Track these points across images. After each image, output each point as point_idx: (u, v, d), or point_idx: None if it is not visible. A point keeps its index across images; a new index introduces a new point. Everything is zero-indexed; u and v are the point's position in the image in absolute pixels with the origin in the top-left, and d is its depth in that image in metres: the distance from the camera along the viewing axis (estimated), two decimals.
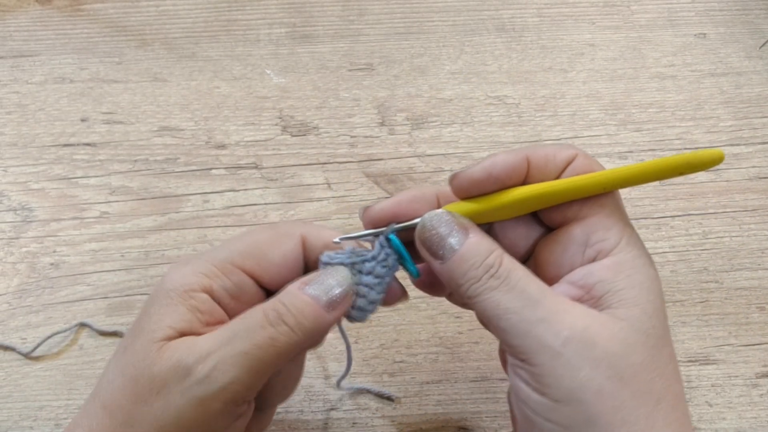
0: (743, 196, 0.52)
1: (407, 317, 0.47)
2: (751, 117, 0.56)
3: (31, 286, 0.48)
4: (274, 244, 0.32)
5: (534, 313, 0.27)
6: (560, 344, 0.27)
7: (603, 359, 0.27)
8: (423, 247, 0.31)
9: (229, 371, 0.28)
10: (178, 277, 0.30)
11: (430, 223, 0.30)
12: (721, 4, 0.63)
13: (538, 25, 0.62)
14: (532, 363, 0.27)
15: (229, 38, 0.61)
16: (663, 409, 0.27)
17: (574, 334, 0.27)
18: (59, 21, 0.62)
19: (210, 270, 0.30)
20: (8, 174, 0.53)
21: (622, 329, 0.27)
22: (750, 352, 0.45)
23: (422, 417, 0.43)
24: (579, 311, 0.28)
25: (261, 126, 0.55)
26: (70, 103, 0.57)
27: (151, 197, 0.52)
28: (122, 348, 0.30)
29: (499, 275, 0.29)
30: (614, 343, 0.27)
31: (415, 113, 0.56)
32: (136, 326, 0.30)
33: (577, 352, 0.27)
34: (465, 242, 0.29)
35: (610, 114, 0.56)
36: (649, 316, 0.28)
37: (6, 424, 0.43)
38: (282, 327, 0.29)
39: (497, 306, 0.28)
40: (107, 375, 0.30)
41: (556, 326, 0.27)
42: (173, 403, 0.28)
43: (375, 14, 0.62)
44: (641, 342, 0.27)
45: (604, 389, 0.26)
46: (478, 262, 0.29)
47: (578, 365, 0.26)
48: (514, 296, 0.28)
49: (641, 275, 0.29)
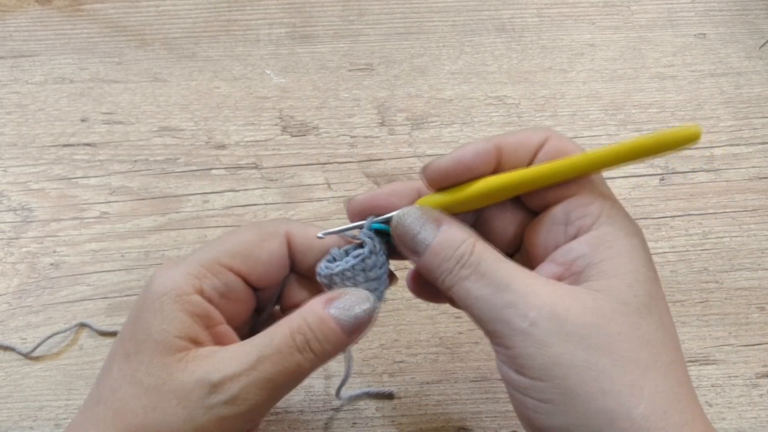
0: (743, 196, 0.52)
1: (407, 317, 0.47)
2: (751, 117, 0.56)
3: (31, 286, 0.48)
4: (260, 243, 0.32)
5: (502, 298, 0.28)
6: (528, 325, 0.27)
7: (574, 333, 0.27)
8: (399, 244, 0.31)
9: (255, 395, 0.29)
10: (168, 280, 0.30)
11: (402, 220, 0.30)
12: (721, 4, 0.63)
13: (538, 25, 0.62)
14: (506, 346, 0.28)
15: (229, 38, 0.61)
16: (652, 377, 0.27)
17: (542, 314, 0.27)
18: (59, 21, 0.62)
19: (198, 271, 0.31)
20: (8, 174, 0.53)
21: (596, 300, 0.28)
22: (750, 352, 0.45)
23: (422, 417, 0.43)
24: (549, 290, 0.28)
25: (261, 126, 0.55)
26: (70, 103, 0.57)
27: (151, 197, 0.52)
28: (123, 355, 0.30)
29: (469, 264, 0.29)
30: (587, 315, 0.27)
31: (415, 113, 0.56)
32: (136, 334, 0.30)
33: (546, 331, 0.27)
34: (437, 236, 0.30)
35: (610, 114, 0.56)
36: (629, 285, 0.28)
37: (6, 424, 0.43)
38: (308, 354, 0.30)
39: (468, 295, 0.29)
40: (112, 382, 0.30)
41: (524, 308, 0.27)
42: (195, 418, 0.28)
43: (375, 14, 0.62)
44: (619, 311, 0.27)
45: (578, 361, 0.26)
46: (450, 254, 0.29)
47: (548, 342, 0.27)
48: (484, 284, 0.28)
49: (621, 245, 0.29)
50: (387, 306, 0.47)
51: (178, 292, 0.30)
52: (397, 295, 0.47)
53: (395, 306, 0.47)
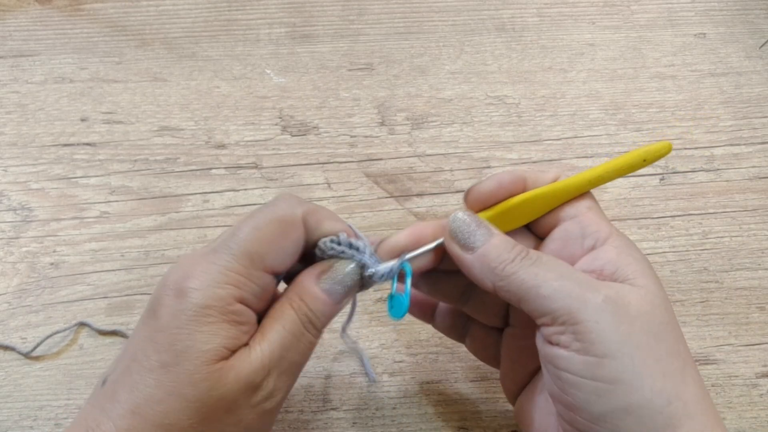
0: (743, 196, 0.52)
1: (407, 317, 0.47)
2: (751, 117, 0.56)
3: (31, 286, 0.48)
4: (286, 236, 0.32)
5: (572, 279, 0.30)
6: (602, 300, 0.29)
7: (638, 317, 0.29)
8: (453, 241, 0.33)
9: (286, 382, 0.31)
10: (209, 292, 0.29)
11: (461, 217, 0.33)
12: (721, 4, 0.63)
13: (538, 25, 0.62)
14: (576, 321, 0.29)
15: (229, 38, 0.61)
16: (690, 369, 0.30)
17: (611, 294, 0.29)
18: (59, 21, 0.62)
19: (236, 280, 0.30)
20: (8, 174, 0.53)
21: (645, 294, 0.30)
22: (750, 352, 0.45)
23: (422, 417, 0.43)
24: (604, 282, 0.31)
25: (261, 126, 0.55)
26: (70, 103, 0.57)
27: (151, 197, 0.52)
28: (160, 365, 0.29)
29: (530, 257, 0.31)
30: (644, 304, 0.30)
31: (415, 113, 0.56)
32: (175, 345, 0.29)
33: (616, 310, 0.29)
34: (493, 235, 0.32)
35: (610, 114, 0.56)
36: (658, 287, 0.31)
37: (6, 423, 0.43)
38: (314, 330, 0.32)
39: (536, 276, 0.30)
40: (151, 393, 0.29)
41: (595, 287, 0.30)
42: (244, 418, 0.30)
43: (375, 14, 0.62)
44: (663, 305, 0.31)
45: (643, 343, 0.29)
46: (510, 248, 0.32)
47: (619, 320, 0.29)
48: (549, 268, 0.31)
49: (636, 254, 0.32)
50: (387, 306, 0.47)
51: (222, 304, 0.29)
52: None
53: None
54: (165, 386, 0.28)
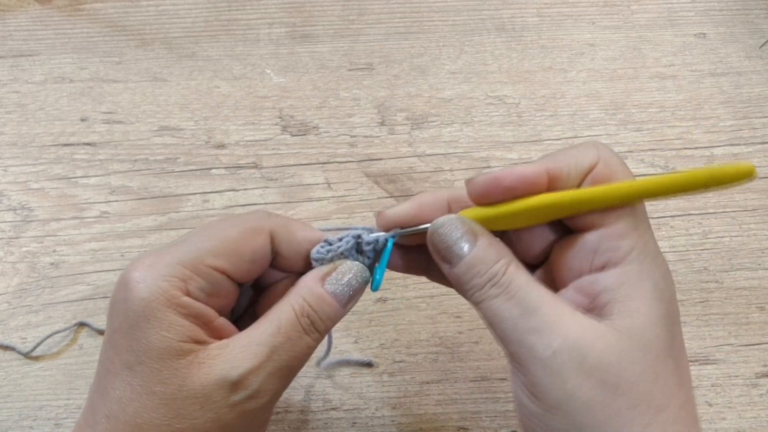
0: (743, 196, 0.52)
1: (407, 317, 0.47)
2: (751, 117, 0.56)
3: (31, 286, 0.48)
4: (245, 241, 0.31)
5: (528, 323, 0.28)
6: (549, 355, 0.27)
7: (594, 370, 0.27)
8: (433, 251, 0.31)
9: (274, 384, 0.30)
10: (152, 286, 0.29)
11: (440, 228, 0.30)
12: (721, 4, 0.63)
13: (538, 24, 0.62)
14: (525, 371, 0.28)
15: (229, 38, 0.61)
16: (663, 420, 0.27)
17: (565, 345, 0.27)
18: (59, 21, 0.62)
19: (182, 273, 0.29)
20: (8, 174, 0.53)
21: (619, 340, 0.27)
22: (750, 351, 0.45)
23: (422, 417, 0.43)
24: (575, 321, 0.28)
25: (261, 126, 0.55)
26: (70, 103, 0.57)
27: (151, 197, 0.52)
28: (124, 367, 0.29)
29: (501, 283, 0.29)
30: (609, 353, 0.27)
31: (415, 113, 0.56)
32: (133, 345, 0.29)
33: (566, 363, 0.27)
34: (473, 249, 0.30)
35: (610, 114, 0.56)
36: (651, 326, 0.28)
37: (6, 423, 0.43)
38: (315, 334, 0.31)
39: (495, 314, 0.29)
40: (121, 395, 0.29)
41: (548, 337, 0.27)
42: (221, 417, 0.29)
43: (375, 14, 0.62)
44: (640, 353, 0.27)
45: (595, 400, 0.27)
46: (483, 270, 0.29)
47: (567, 376, 0.27)
48: (512, 305, 0.28)
49: (648, 285, 0.29)
50: (387, 306, 0.47)
51: (166, 296, 0.29)
52: (397, 295, 0.47)
53: (395, 306, 0.47)
54: (133, 387, 0.29)
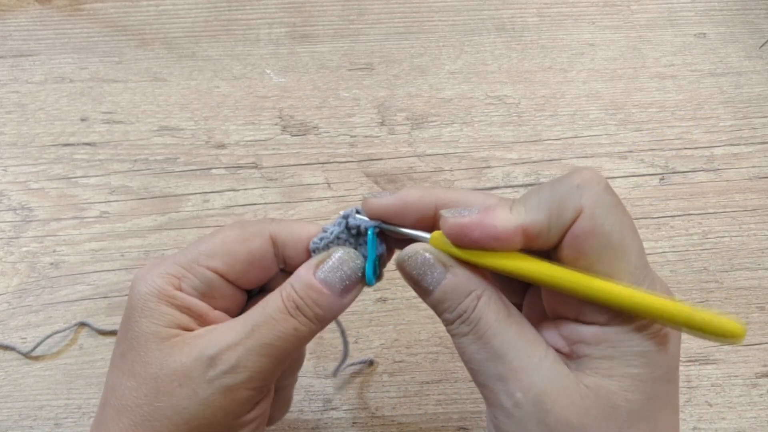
0: (743, 196, 0.52)
1: (407, 317, 0.47)
2: (751, 117, 0.56)
3: (31, 286, 0.48)
4: (241, 242, 0.32)
5: (494, 369, 0.28)
6: (512, 405, 0.27)
7: (554, 427, 0.26)
8: (405, 278, 0.30)
9: (255, 361, 0.29)
10: (149, 282, 0.30)
11: (410, 259, 0.30)
12: (721, 4, 0.63)
13: (538, 24, 0.62)
14: (491, 413, 0.28)
15: (228, 38, 0.61)
16: None
17: (528, 398, 0.27)
18: (59, 20, 0.62)
19: (176, 270, 0.31)
20: (8, 174, 0.53)
21: (584, 398, 0.26)
22: (750, 352, 0.45)
23: (422, 417, 0.43)
24: (543, 370, 0.27)
25: (261, 126, 0.55)
26: (70, 103, 0.57)
27: (150, 197, 0.52)
28: (119, 356, 0.30)
29: (470, 321, 0.28)
30: (571, 412, 0.26)
31: (415, 113, 0.56)
32: (127, 334, 0.30)
33: (528, 416, 0.27)
34: (442, 282, 0.29)
35: (610, 114, 0.56)
36: (623, 388, 0.26)
37: (6, 423, 0.43)
38: (301, 317, 0.30)
39: (464, 353, 0.29)
40: (112, 382, 0.30)
41: (512, 386, 0.27)
42: (200, 393, 0.29)
43: (375, 14, 0.62)
44: (605, 415, 0.26)
45: None
46: (453, 306, 0.29)
47: (528, 428, 0.27)
48: (479, 347, 0.28)
49: (629, 346, 0.27)
50: (387, 306, 0.47)
51: (159, 290, 0.30)
52: (397, 295, 0.47)
53: (395, 306, 0.47)
54: (123, 372, 0.30)
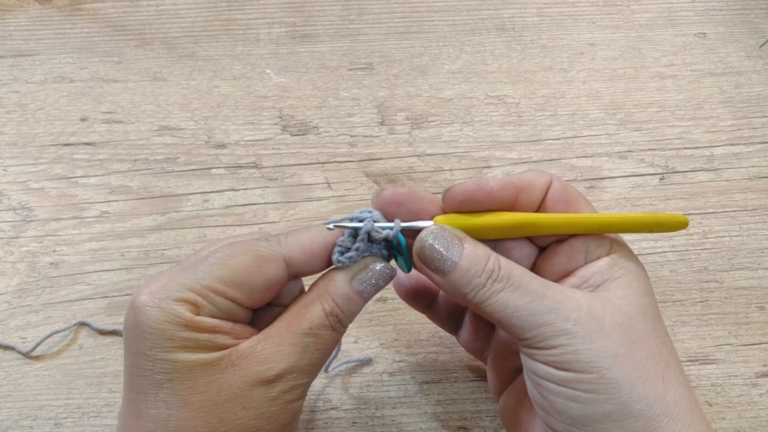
0: (743, 196, 0.52)
1: (407, 317, 0.47)
2: (750, 116, 0.56)
3: (31, 286, 0.48)
4: (258, 269, 0.31)
5: (542, 305, 0.30)
6: (572, 325, 0.30)
7: (612, 330, 0.30)
8: (423, 266, 0.32)
9: (307, 377, 0.32)
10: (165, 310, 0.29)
11: (426, 241, 0.31)
12: (721, 4, 0.63)
13: (538, 24, 0.62)
14: (551, 347, 0.30)
15: (228, 38, 0.61)
16: (673, 370, 0.31)
17: (582, 315, 0.30)
18: (59, 20, 0.62)
19: (191, 297, 0.30)
20: (8, 173, 0.53)
21: (622, 305, 0.31)
22: (750, 351, 0.45)
23: (422, 417, 0.43)
24: (581, 296, 0.31)
25: (261, 125, 0.55)
26: (70, 103, 0.57)
27: (150, 197, 0.52)
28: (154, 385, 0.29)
29: (501, 278, 0.31)
30: (618, 316, 0.30)
31: (415, 113, 0.56)
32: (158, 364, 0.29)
33: (589, 329, 0.30)
34: (463, 253, 0.31)
35: (609, 113, 0.56)
36: (642, 296, 0.32)
37: (6, 423, 0.43)
38: (341, 329, 0.33)
39: (506, 306, 0.30)
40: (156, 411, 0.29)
41: (565, 312, 0.30)
42: (264, 412, 0.30)
43: (375, 14, 0.62)
44: (641, 314, 0.31)
45: (620, 353, 0.29)
46: (480, 270, 0.31)
47: (592, 338, 0.30)
48: (521, 294, 0.30)
49: (631, 267, 0.33)
50: (387, 306, 0.47)
51: (179, 317, 0.29)
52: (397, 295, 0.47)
53: (395, 306, 0.47)
54: (168, 402, 0.29)
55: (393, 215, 0.33)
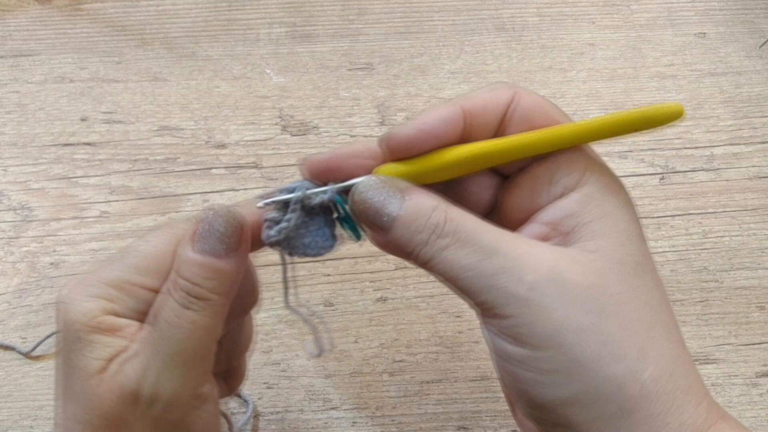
0: (743, 196, 0.52)
1: (407, 317, 0.47)
2: (750, 116, 0.56)
3: (31, 286, 0.48)
4: (173, 254, 0.27)
5: (492, 264, 0.25)
6: (526, 290, 0.25)
7: (577, 295, 0.25)
8: (361, 221, 0.28)
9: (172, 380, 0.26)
10: (78, 309, 0.27)
11: (362, 194, 0.27)
12: (721, 4, 0.63)
13: (537, 24, 0.62)
14: (502, 315, 0.25)
15: (228, 38, 0.61)
16: (654, 338, 0.25)
17: (541, 277, 0.25)
18: (59, 20, 0.62)
19: (107, 293, 0.27)
20: (8, 173, 0.53)
21: (594, 260, 0.26)
22: (750, 351, 0.45)
23: (422, 416, 0.43)
24: (543, 251, 0.26)
25: (261, 125, 0.55)
26: (70, 103, 0.57)
27: (150, 197, 0.52)
28: (61, 393, 0.28)
29: (446, 232, 0.26)
30: (588, 276, 0.25)
31: (415, 113, 0.56)
32: (67, 369, 0.27)
33: (547, 294, 0.25)
34: (403, 206, 0.26)
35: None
36: (621, 244, 0.26)
37: (6, 423, 0.43)
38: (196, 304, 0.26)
39: (452, 266, 0.26)
40: (60, 423, 0.28)
41: (519, 272, 0.25)
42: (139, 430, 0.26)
43: (375, 14, 0.62)
44: (617, 271, 0.26)
45: (585, 325, 0.25)
46: (422, 224, 0.26)
47: (551, 307, 0.25)
48: (468, 251, 0.26)
49: (610, 203, 0.27)
50: (387, 306, 0.47)
51: (91, 317, 0.26)
52: (397, 295, 0.47)
53: (395, 306, 0.47)
54: (68, 414, 0.27)
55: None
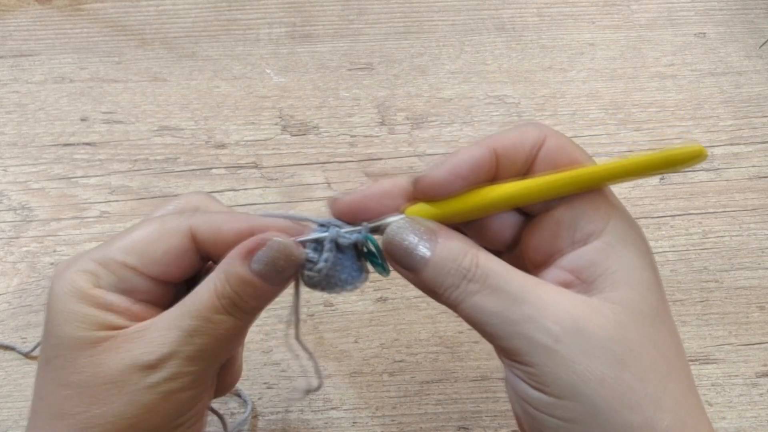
0: (743, 196, 0.52)
1: (407, 317, 0.47)
2: (750, 116, 0.56)
3: (31, 286, 0.48)
4: (158, 239, 0.30)
5: (519, 312, 0.26)
6: (552, 341, 0.26)
7: (599, 347, 0.26)
8: (393, 262, 0.29)
9: (195, 367, 0.28)
10: (66, 282, 0.29)
11: (395, 236, 0.28)
12: (721, 4, 0.63)
13: (537, 24, 0.62)
14: (527, 363, 0.26)
15: (228, 38, 0.61)
16: (671, 388, 0.26)
17: (565, 327, 0.26)
18: (59, 20, 0.62)
19: (92, 267, 0.29)
20: (8, 174, 0.53)
21: (615, 312, 0.27)
22: (750, 351, 0.45)
23: (422, 417, 0.43)
24: (567, 300, 0.27)
25: (261, 125, 0.55)
26: (70, 103, 0.57)
27: (151, 197, 0.52)
28: (45, 362, 0.29)
29: (477, 278, 0.27)
30: (609, 328, 0.26)
31: (415, 113, 0.56)
32: (50, 339, 0.29)
33: (572, 345, 0.26)
34: (435, 249, 0.28)
35: (610, 113, 0.56)
36: (641, 295, 0.27)
37: (6, 423, 0.43)
38: (240, 313, 0.29)
39: (481, 311, 0.27)
40: (42, 391, 0.29)
41: (544, 322, 0.26)
42: (139, 399, 0.28)
43: (375, 14, 0.62)
44: (638, 322, 0.27)
45: (606, 377, 0.26)
46: (453, 268, 0.27)
47: (574, 358, 0.26)
48: (497, 298, 0.27)
49: (631, 253, 0.28)
50: (387, 306, 0.47)
51: (76, 289, 0.29)
52: (397, 295, 0.47)
53: (395, 306, 0.47)
54: (52, 379, 0.29)
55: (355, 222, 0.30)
